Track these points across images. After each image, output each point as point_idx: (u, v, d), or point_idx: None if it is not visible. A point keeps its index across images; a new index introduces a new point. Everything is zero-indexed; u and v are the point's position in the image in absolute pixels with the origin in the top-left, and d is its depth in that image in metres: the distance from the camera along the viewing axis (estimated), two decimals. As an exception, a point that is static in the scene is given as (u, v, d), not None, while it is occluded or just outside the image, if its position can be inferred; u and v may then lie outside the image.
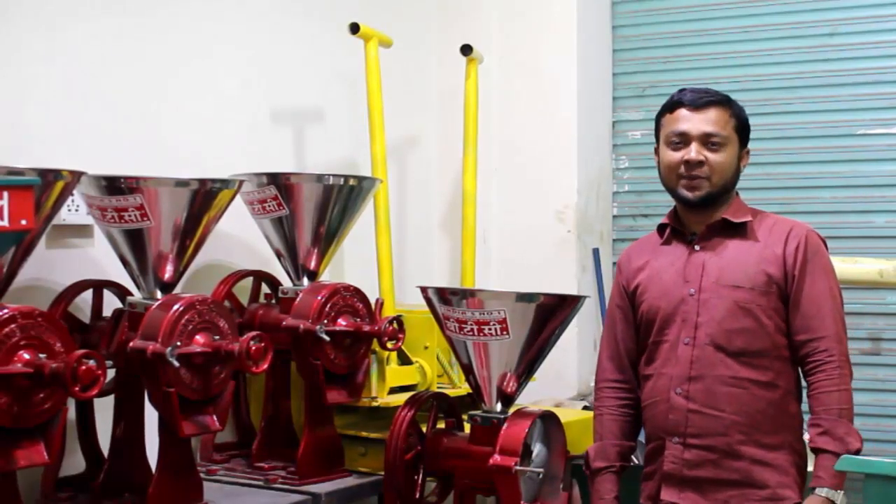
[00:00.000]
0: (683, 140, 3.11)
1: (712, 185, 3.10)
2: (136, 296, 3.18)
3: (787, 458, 3.04)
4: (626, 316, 3.26)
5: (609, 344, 3.31)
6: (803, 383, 3.11)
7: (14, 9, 3.25)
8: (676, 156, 3.12)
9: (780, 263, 3.05)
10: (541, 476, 3.22)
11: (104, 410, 3.24)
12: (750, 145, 3.19)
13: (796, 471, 3.06)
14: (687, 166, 3.09)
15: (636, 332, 3.23)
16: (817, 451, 2.95)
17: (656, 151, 3.23)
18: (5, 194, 2.24)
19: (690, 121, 3.11)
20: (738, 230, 3.12)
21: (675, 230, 3.21)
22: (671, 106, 3.17)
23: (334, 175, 3.61)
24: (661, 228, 3.26)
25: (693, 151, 3.09)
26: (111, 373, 3.08)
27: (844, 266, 4.11)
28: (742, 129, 3.16)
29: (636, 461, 3.49)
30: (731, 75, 5.00)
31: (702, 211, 3.14)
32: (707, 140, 3.09)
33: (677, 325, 3.09)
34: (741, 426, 3.01)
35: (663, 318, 3.12)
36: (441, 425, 3.51)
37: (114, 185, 3.03)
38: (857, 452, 2.91)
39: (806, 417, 3.10)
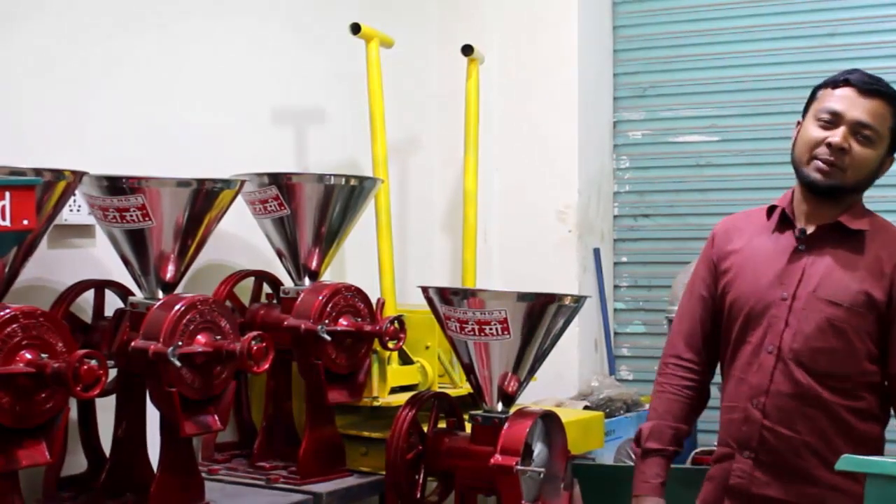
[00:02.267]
0: (834, 120, 2.85)
1: (844, 179, 2.85)
2: (138, 296, 3.18)
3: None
4: (711, 293, 3.06)
5: (687, 318, 3.10)
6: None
7: (16, 10, 3.25)
8: (820, 134, 2.85)
9: (886, 284, 2.83)
10: (542, 476, 3.22)
11: (106, 410, 3.24)
12: (751, 145, 3.05)
13: None
14: (827, 148, 2.83)
15: (718, 316, 3.04)
16: None
17: (799, 124, 2.97)
18: (7, 194, 2.24)
19: (849, 103, 2.84)
20: (851, 238, 2.89)
21: (785, 219, 2.96)
22: (836, 81, 2.91)
23: (335, 175, 3.61)
24: (770, 210, 3.01)
25: (839, 136, 2.82)
26: (113, 372, 3.08)
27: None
28: None
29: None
30: (732, 75, 5.02)
31: (821, 203, 2.90)
32: (858, 129, 2.83)
33: (763, 328, 2.89)
34: (817, 450, 2.83)
35: (748, 317, 2.92)
36: (442, 425, 3.51)
37: (115, 186, 3.03)
38: None
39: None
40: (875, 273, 2.85)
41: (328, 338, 3.37)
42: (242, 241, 3.90)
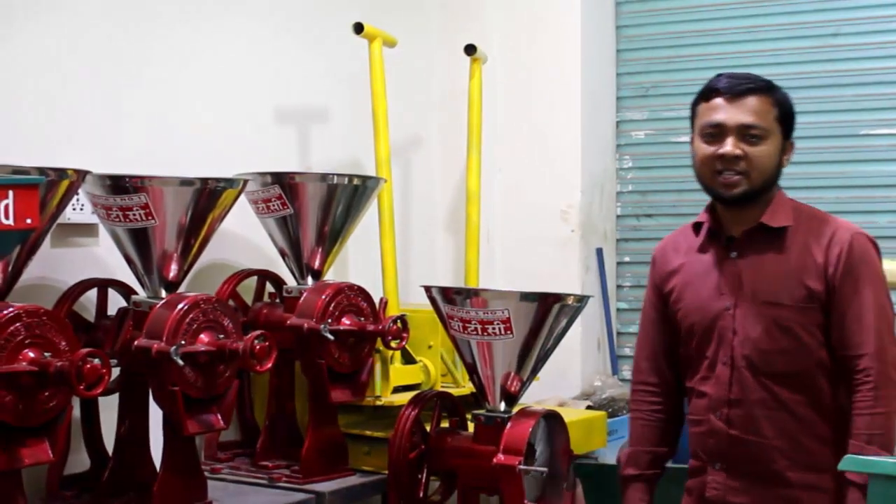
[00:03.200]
0: (719, 132, 2.84)
1: (751, 183, 2.84)
2: (141, 295, 3.19)
3: (836, 481, 2.80)
4: (662, 315, 3.07)
5: (645, 343, 3.13)
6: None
7: (21, 10, 3.26)
8: (711, 149, 2.86)
9: (821, 274, 2.82)
10: (544, 475, 3.22)
11: (109, 409, 3.24)
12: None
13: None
14: (722, 161, 2.83)
15: (674, 335, 3.05)
16: (844, 479, 2.75)
17: (692, 143, 2.97)
18: (10, 193, 2.25)
19: (727, 111, 2.84)
20: (778, 236, 2.88)
21: (711, 231, 2.97)
22: (706, 93, 2.91)
23: (338, 175, 3.62)
24: (696, 227, 3.02)
25: (729, 145, 2.82)
26: (116, 371, 3.08)
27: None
28: (785, 119, 2.90)
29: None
30: (735, 76, 5.00)
31: (740, 210, 2.91)
32: (745, 132, 2.83)
33: (715, 341, 2.90)
34: (786, 452, 2.84)
35: (701, 332, 2.93)
36: (445, 424, 3.51)
37: (118, 185, 3.03)
38: None
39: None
40: (808, 265, 2.85)
41: (331, 337, 3.37)
42: (245, 240, 3.90)
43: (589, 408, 4.52)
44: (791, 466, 2.85)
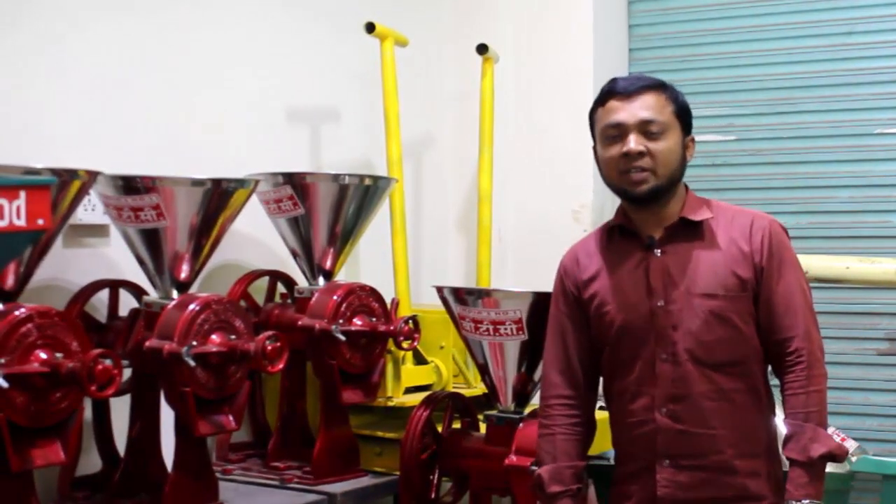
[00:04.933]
0: (620, 132, 2.85)
1: (658, 178, 2.84)
2: (152, 295, 3.19)
3: (774, 465, 2.90)
4: (578, 325, 3.01)
5: (558, 357, 3.03)
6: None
7: (32, 10, 3.26)
8: (615, 150, 2.85)
9: (749, 261, 2.85)
10: (557, 476, 3.21)
11: (120, 410, 3.24)
12: (767, 144, 3.00)
13: (782, 474, 2.90)
14: (627, 159, 2.83)
15: (592, 344, 2.99)
16: (788, 459, 2.81)
17: (595, 151, 2.96)
18: (22, 194, 2.24)
19: (624, 110, 2.85)
20: (699, 229, 2.90)
21: (627, 232, 2.95)
22: (602, 98, 2.92)
23: (350, 175, 3.61)
24: (611, 230, 3.00)
25: (632, 142, 2.82)
26: (127, 372, 3.09)
27: (861, 266, 4.09)
28: (683, 114, 2.90)
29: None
30: (748, 74, 4.99)
31: (652, 208, 2.90)
32: (645, 128, 2.83)
33: (651, 340, 2.87)
34: (732, 441, 2.85)
35: (633, 333, 2.89)
36: (457, 425, 3.51)
37: (130, 185, 3.03)
38: (824, 458, 2.76)
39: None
40: (735, 253, 2.87)
41: (343, 338, 3.37)
42: (257, 240, 3.90)
43: (600, 408, 4.50)
44: (736, 455, 2.86)
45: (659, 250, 2.90)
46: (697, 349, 2.85)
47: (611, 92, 2.91)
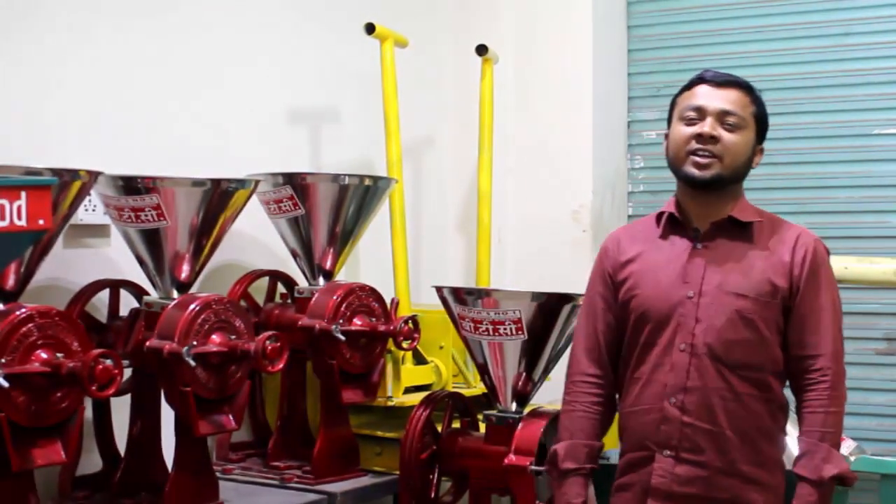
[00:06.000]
0: (699, 115, 2.91)
1: (723, 167, 2.88)
2: (153, 295, 3.20)
3: (775, 477, 2.90)
4: (609, 306, 3.02)
5: (588, 335, 3.05)
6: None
7: (34, 10, 3.26)
8: (689, 130, 2.91)
9: (787, 273, 2.88)
10: (556, 476, 3.22)
11: (121, 410, 3.25)
12: (766, 144, 3.00)
13: (782, 489, 2.91)
14: (699, 140, 2.88)
15: (619, 327, 3.02)
16: (796, 475, 2.81)
17: (666, 136, 3.03)
18: (23, 194, 2.24)
19: (709, 97, 2.92)
20: (745, 231, 2.93)
21: (676, 222, 2.98)
22: (690, 83, 2.99)
23: (350, 175, 3.62)
24: (659, 217, 3.01)
25: (707, 125, 2.88)
26: (128, 372, 3.09)
27: (860, 266, 4.09)
28: (760, 120, 2.96)
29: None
30: (746, 75, 4.92)
31: (706, 199, 2.93)
32: (723, 118, 2.89)
33: (672, 328, 2.88)
34: (736, 443, 2.86)
35: (657, 319, 2.91)
36: (456, 425, 3.51)
37: (130, 185, 3.04)
38: (835, 479, 2.77)
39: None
40: (775, 262, 2.90)
41: (342, 337, 3.37)
42: (257, 240, 3.91)
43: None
44: (740, 458, 2.87)
45: (701, 244, 2.93)
46: (717, 345, 2.86)
47: (700, 79, 2.98)
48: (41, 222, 2.28)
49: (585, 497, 3.01)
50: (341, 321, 3.39)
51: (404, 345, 3.52)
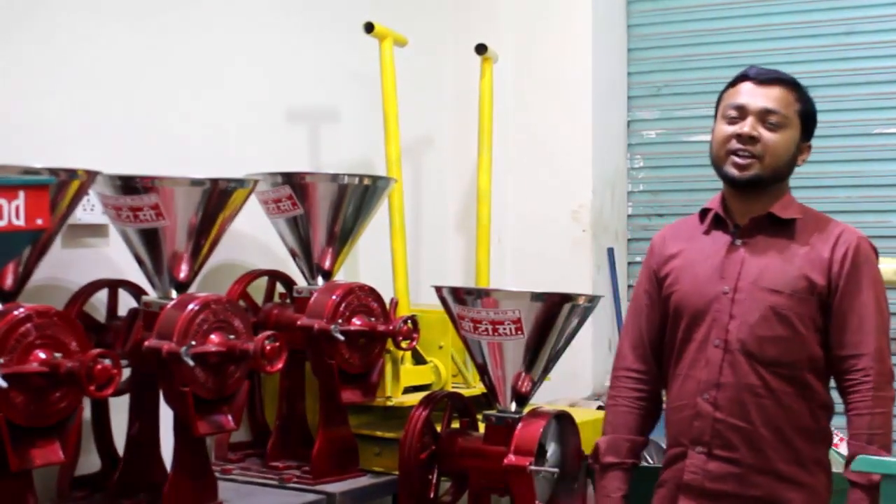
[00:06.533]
0: (740, 114, 2.90)
1: (763, 167, 2.88)
2: (152, 295, 3.19)
3: (815, 477, 2.88)
4: (654, 302, 3.08)
5: (632, 331, 3.12)
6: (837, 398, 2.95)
7: (34, 11, 3.26)
8: (729, 129, 2.91)
9: (825, 270, 2.86)
10: (555, 476, 3.22)
11: (119, 410, 3.24)
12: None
13: (824, 490, 2.90)
14: (738, 140, 2.88)
15: (663, 323, 3.05)
16: (846, 479, 2.78)
17: (713, 129, 3.02)
18: (21, 193, 2.24)
19: (751, 95, 2.91)
20: (785, 228, 2.93)
21: (718, 219, 3.00)
22: (735, 80, 2.98)
23: (349, 174, 3.61)
24: (703, 213, 3.05)
25: (747, 125, 2.88)
26: (126, 372, 3.08)
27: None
28: (806, 118, 2.95)
29: (648, 460, 3.44)
30: (746, 75, 4.99)
31: (748, 197, 2.94)
32: (765, 117, 2.89)
33: (707, 324, 2.91)
34: (771, 441, 2.85)
35: (692, 314, 2.94)
36: (456, 425, 3.51)
37: (129, 185, 3.03)
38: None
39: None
40: (813, 259, 2.89)
41: (341, 337, 3.37)
42: (256, 240, 3.91)
43: (600, 408, 4.51)
44: (775, 456, 2.86)
45: (740, 240, 2.94)
46: (750, 341, 2.87)
47: (745, 76, 2.97)
48: (39, 222, 2.27)
49: (625, 491, 3.05)
50: (340, 321, 3.39)
51: (403, 345, 3.52)
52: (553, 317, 3.22)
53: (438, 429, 3.44)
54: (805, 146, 2.99)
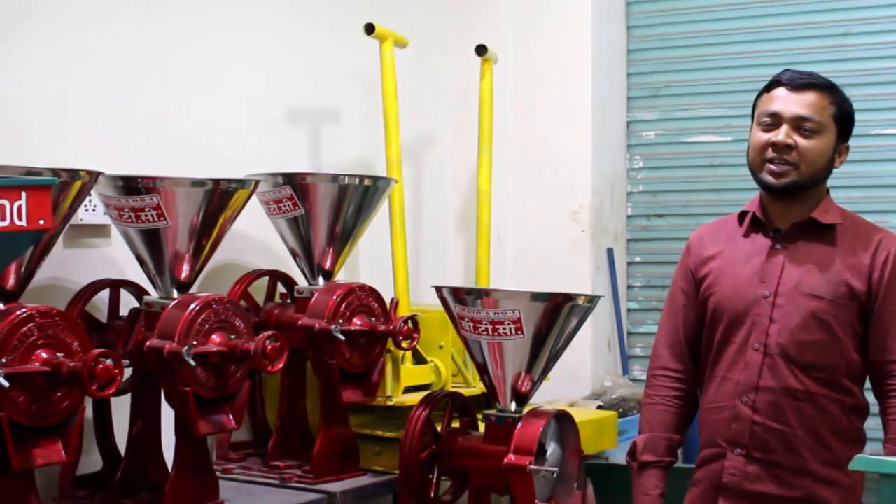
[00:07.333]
0: (775, 121, 2.91)
1: (799, 174, 2.90)
2: (153, 295, 3.20)
3: (853, 477, 2.88)
4: (691, 302, 3.09)
5: (669, 330, 3.13)
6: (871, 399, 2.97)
7: (35, 12, 3.27)
8: (765, 137, 2.92)
9: (865, 275, 2.88)
10: (555, 475, 3.22)
11: (121, 409, 3.25)
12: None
13: (861, 488, 2.92)
14: (773, 149, 2.89)
15: (700, 322, 3.07)
16: None
17: (749, 137, 3.03)
18: (23, 194, 2.25)
19: (785, 101, 2.91)
20: (825, 232, 2.94)
21: (757, 221, 3.01)
22: (769, 85, 2.98)
23: (349, 175, 3.62)
24: (742, 216, 3.06)
25: (782, 134, 2.89)
26: (128, 372, 3.10)
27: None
28: (842, 120, 2.95)
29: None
30: (746, 75, 5.00)
31: (787, 203, 2.96)
32: (800, 124, 2.89)
33: (747, 327, 2.92)
34: (808, 443, 2.87)
35: (732, 317, 2.95)
36: (456, 424, 3.51)
37: (131, 185, 3.04)
38: None
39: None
40: (853, 264, 2.90)
41: (342, 337, 3.38)
42: (257, 240, 3.91)
43: (600, 408, 4.52)
44: (810, 459, 2.88)
45: (780, 244, 2.95)
46: (790, 346, 2.88)
47: (778, 82, 2.97)
48: (41, 222, 2.28)
49: (663, 489, 3.06)
50: (341, 321, 3.39)
51: (404, 344, 3.52)
52: (553, 317, 3.22)
53: (439, 428, 3.44)
54: (843, 147, 2.99)
